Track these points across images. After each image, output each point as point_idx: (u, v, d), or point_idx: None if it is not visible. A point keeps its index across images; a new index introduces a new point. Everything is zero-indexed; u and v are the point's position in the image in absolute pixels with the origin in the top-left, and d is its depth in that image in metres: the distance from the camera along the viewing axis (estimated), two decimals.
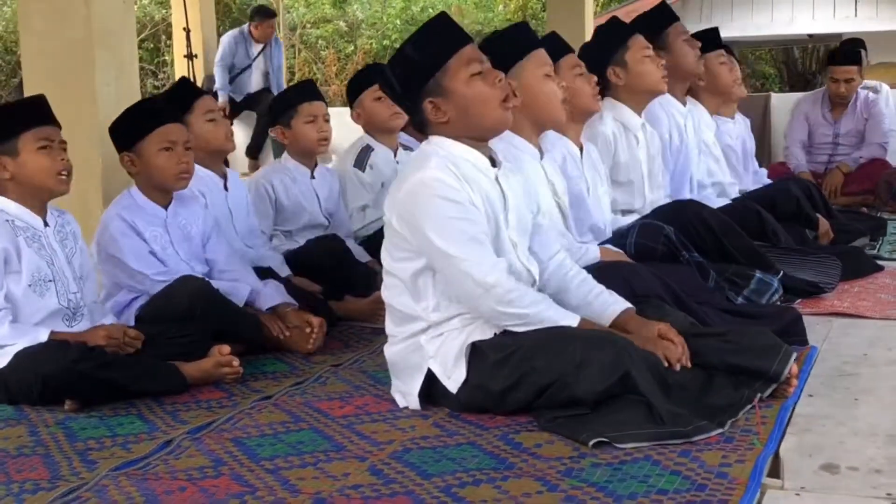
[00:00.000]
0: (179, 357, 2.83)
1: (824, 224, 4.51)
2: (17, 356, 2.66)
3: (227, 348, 2.87)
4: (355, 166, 4.24)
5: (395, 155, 4.33)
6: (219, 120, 3.59)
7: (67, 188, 2.89)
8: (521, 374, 2.40)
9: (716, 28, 4.94)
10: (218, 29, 10.34)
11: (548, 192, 3.09)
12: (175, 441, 2.37)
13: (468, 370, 2.46)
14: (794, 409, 2.44)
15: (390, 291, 2.58)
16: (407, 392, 2.57)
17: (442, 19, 2.58)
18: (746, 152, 5.12)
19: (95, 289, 3.02)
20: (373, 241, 4.07)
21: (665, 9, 4.54)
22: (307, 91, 4.10)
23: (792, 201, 4.48)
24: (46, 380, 2.57)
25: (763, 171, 5.31)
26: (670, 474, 2.04)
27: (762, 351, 2.50)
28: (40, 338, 2.70)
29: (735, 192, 4.64)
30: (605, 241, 3.51)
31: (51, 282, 2.80)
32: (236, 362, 2.86)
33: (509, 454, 2.20)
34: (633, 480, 2.02)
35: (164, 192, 3.22)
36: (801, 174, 6.03)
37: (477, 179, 2.51)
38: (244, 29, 9.22)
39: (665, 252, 3.46)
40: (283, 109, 4.00)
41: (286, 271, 3.64)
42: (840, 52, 6.31)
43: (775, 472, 2.09)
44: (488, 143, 2.62)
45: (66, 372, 2.56)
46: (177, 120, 3.24)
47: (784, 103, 7.26)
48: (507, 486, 2.03)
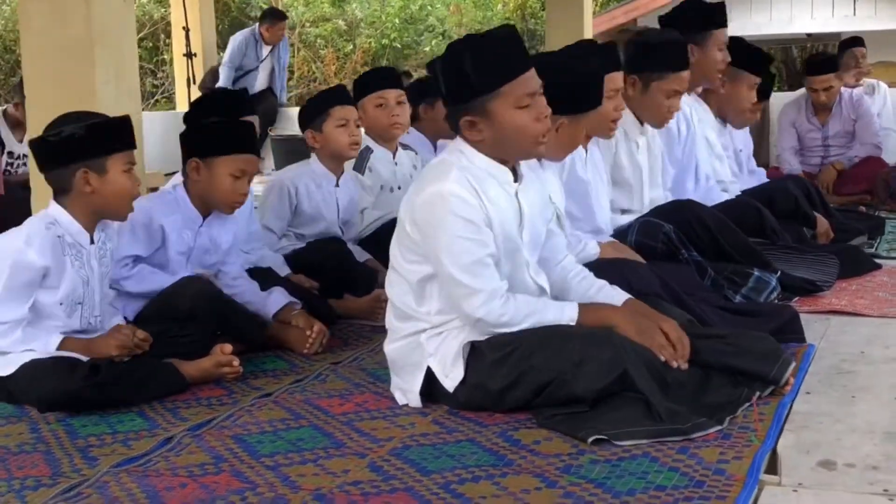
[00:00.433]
0: (181, 356, 2.84)
1: (823, 223, 4.51)
2: (22, 369, 2.63)
3: (229, 347, 2.87)
4: (354, 169, 4.24)
5: (394, 156, 4.34)
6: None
7: (129, 214, 2.89)
8: (520, 373, 2.41)
9: (769, 56, 4.92)
10: (217, 28, 10.35)
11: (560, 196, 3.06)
12: (175, 438, 2.38)
13: (466, 369, 2.47)
14: (791, 406, 2.45)
15: (395, 289, 2.59)
16: (407, 389, 2.58)
17: (508, 36, 2.46)
18: (745, 153, 5.12)
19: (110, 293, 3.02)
20: (371, 241, 4.09)
21: (721, 11, 4.54)
22: (339, 95, 4.03)
23: (790, 200, 4.49)
24: (49, 403, 2.57)
25: (761, 171, 5.31)
26: (668, 471, 2.05)
27: (762, 355, 2.51)
28: (52, 343, 2.69)
29: (736, 191, 4.64)
30: None
31: (80, 304, 2.79)
32: (236, 362, 2.86)
33: (508, 451, 2.22)
34: (632, 477, 2.03)
35: (209, 206, 3.22)
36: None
37: (496, 196, 2.48)
38: (255, 30, 9.19)
39: (664, 250, 3.47)
40: (314, 113, 3.94)
41: (286, 271, 3.65)
42: (816, 60, 6.30)
43: (773, 468, 2.10)
44: None
45: (68, 397, 2.56)
46: (255, 152, 3.24)
47: (783, 102, 7.26)
48: (505, 482, 2.04)
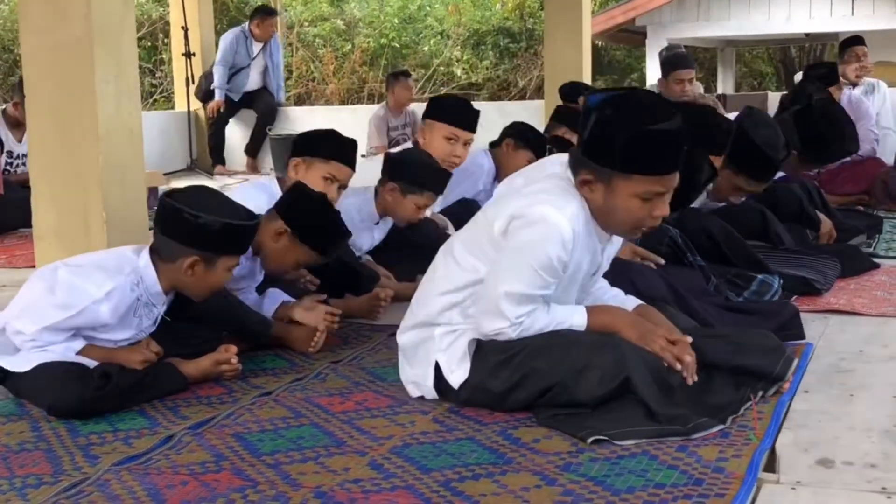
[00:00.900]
0: (190, 356, 2.84)
1: (827, 223, 4.52)
2: (36, 370, 2.63)
3: (234, 347, 2.88)
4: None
5: None
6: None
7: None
8: (523, 376, 2.42)
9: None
10: (216, 27, 10.35)
11: None
12: (176, 436, 2.38)
13: (471, 369, 2.49)
14: (790, 404, 2.46)
15: (440, 270, 2.57)
16: (420, 382, 2.59)
17: (673, 133, 2.32)
18: None
19: None
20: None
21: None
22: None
23: (795, 202, 4.50)
24: (58, 412, 2.57)
25: None
26: (667, 469, 2.06)
27: (765, 353, 2.53)
28: (73, 348, 2.68)
29: None
30: None
31: (132, 345, 2.79)
32: (235, 360, 2.87)
33: (508, 449, 2.23)
34: (631, 475, 2.04)
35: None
36: None
37: (590, 244, 2.47)
38: (245, 28, 9.23)
39: (669, 254, 3.48)
40: (414, 181, 3.82)
41: None
42: (817, 73, 6.05)
43: (771, 466, 2.11)
44: None
45: (79, 407, 2.56)
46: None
47: (780, 103, 7.27)
48: (505, 480, 2.05)
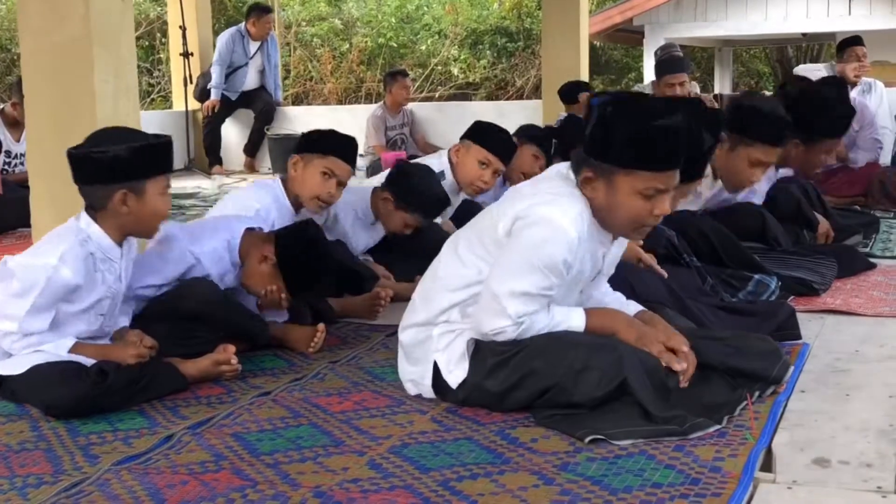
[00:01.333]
0: (187, 356, 2.85)
1: (824, 224, 4.53)
2: (30, 372, 2.64)
3: (232, 347, 2.89)
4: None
5: (458, 193, 4.39)
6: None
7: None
8: (521, 377, 2.43)
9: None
10: (213, 27, 10.34)
11: None
12: (176, 436, 2.39)
13: (469, 369, 2.49)
14: (786, 404, 2.47)
15: (443, 269, 2.58)
16: (419, 381, 2.61)
17: (674, 129, 2.34)
18: None
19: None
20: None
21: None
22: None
23: (792, 202, 4.51)
24: (56, 410, 2.58)
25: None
26: (664, 468, 2.07)
27: (763, 356, 2.54)
28: (63, 345, 2.69)
29: None
30: None
31: (102, 315, 2.81)
32: (235, 360, 2.88)
33: (506, 449, 2.24)
34: (628, 474, 2.05)
35: None
36: None
37: (592, 247, 2.49)
38: (241, 27, 9.23)
39: (666, 255, 3.49)
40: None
41: None
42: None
43: (768, 466, 2.12)
44: None
45: (76, 404, 2.56)
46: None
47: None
48: (503, 479, 2.06)
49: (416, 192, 3.88)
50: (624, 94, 2.49)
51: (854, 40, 6.88)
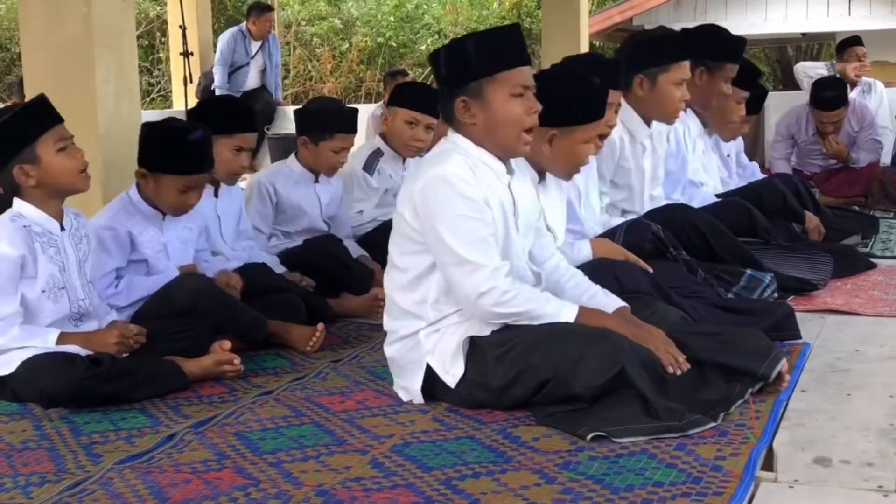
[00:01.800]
0: (181, 353, 2.86)
1: (812, 219, 4.53)
2: (23, 365, 2.65)
3: (227, 343, 2.89)
4: (364, 169, 4.26)
5: (403, 162, 4.36)
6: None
7: (88, 185, 2.87)
8: (520, 371, 2.43)
9: (757, 71, 4.92)
10: (214, 26, 10.34)
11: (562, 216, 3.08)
12: (178, 435, 2.40)
13: (467, 366, 2.50)
14: (787, 403, 2.48)
15: (392, 284, 2.62)
16: (409, 388, 2.61)
17: (514, 32, 2.59)
18: (728, 162, 5.11)
19: (97, 289, 3.02)
20: (368, 241, 4.10)
21: (737, 46, 4.56)
22: (347, 121, 4.03)
23: (778, 196, 4.50)
24: (51, 397, 2.60)
25: (754, 165, 5.33)
26: (666, 467, 2.08)
27: (752, 352, 2.54)
28: (49, 340, 2.70)
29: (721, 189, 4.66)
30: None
31: (63, 289, 2.81)
32: (237, 360, 2.88)
33: (508, 448, 2.24)
34: (630, 473, 2.06)
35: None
36: None
37: (492, 184, 2.54)
38: (242, 27, 9.23)
39: (653, 249, 3.48)
40: (317, 127, 3.96)
41: (280, 269, 3.67)
42: (827, 97, 6.11)
43: (769, 465, 2.13)
44: None
45: (70, 389, 2.58)
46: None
47: (778, 102, 7.30)
48: (505, 478, 2.06)
49: (320, 117, 3.97)
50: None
51: (854, 40, 6.91)
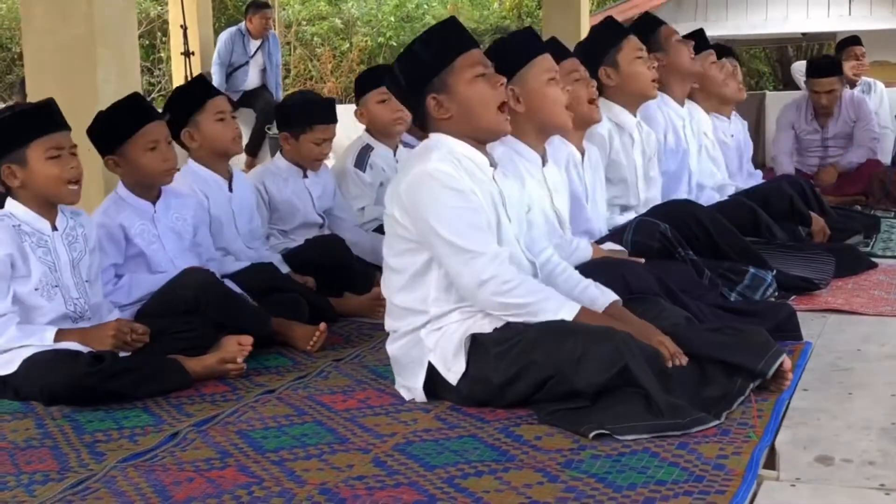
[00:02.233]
0: (184, 351, 2.86)
1: (818, 221, 4.53)
2: (24, 364, 2.66)
3: (248, 339, 2.90)
4: (355, 166, 4.27)
5: (395, 154, 4.37)
6: (228, 121, 3.60)
7: (77, 198, 2.86)
8: (521, 367, 2.43)
9: (701, 29, 4.98)
10: (214, 26, 10.34)
11: (545, 196, 3.10)
12: (181, 433, 2.40)
13: (468, 363, 2.50)
14: (789, 402, 2.48)
15: (389, 286, 2.63)
16: (411, 386, 2.61)
17: (452, 23, 2.68)
18: (741, 150, 5.16)
19: (101, 288, 3.03)
20: None
21: (650, 15, 4.64)
22: (324, 113, 4.05)
23: (785, 199, 4.51)
24: (52, 394, 2.60)
25: (758, 173, 5.36)
26: (668, 466, 2.08)
27: (750, 349, 2.53)
28: (47, 337, 2.71)
29: (731, 191, 4.67)
30: (601, 239, 3.54)
31: (56, 287, 2.81)
32: (240, 358, 2.88)
33: (510, 446, 2.24)
34: (632, 472, 2.06)
35: (150, 188, 3.24)
36: None
37: (476, 176, 2.57)
38: (241, 26, 9.23)
39: (661, 249, 3.49)
40: (296, 122, 3.99)
41: (285, 269, 3.68)
42: (819, 63, 6.33)
43: (771, 464, 2.13)
44: (487, 146, 2.68)
45: (72, 386, 2.58)
46: (156, 117, 3.25)
47: (778, 102, 7.30)
48: (508, 477, 2.06)
49: (296, 110, 3.99)
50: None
51: (852, 40, 6.93)
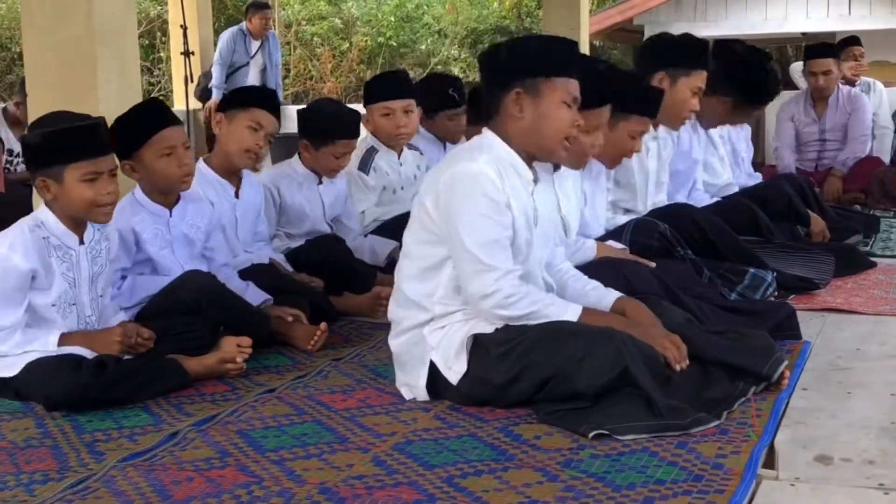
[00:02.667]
0: (185, 351, 2.86)
1: (818, 222, 4.53)
2: (27, 368, 2.65)
3: (248, 340, 2.90)
4: (359, 169, 4.27)
5: (398, 157, 4.37)
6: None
7: (108, 219, 2.84)
8: (522, 368, 2.44)
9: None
10: (214, 26, 10.34)
11: (552, 201, 3.07)
12: (181, 433, 2.40)
13: (470, 362, 2.50)
14: (788, 402, 2.48)
15: (403, 273, 2.63)
16: (413, 385, 2.61)
17: (574, 46, 2.67)
18: (737, 151, 5.15)
19: (109, 293, 3.03)
20: None
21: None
22: (347, 129, 4.00)
23: (783, 198, 4.51)
24: (55, 403, 2.59)
25: (758, 175, 5.36)
26: (668, 465, 2.08)
27: (755, 352, 2.55)
28: (51, 342, 2.70)
29: (732, 191, 4.67)
30: (600, 238, 3.54)
31: (73, 305, 2.81)
32: (240, 358, 2.89)
33: (509, 446, 2.25)
34: (632, 471, 2.06)
35: (167, 194, 3.22)
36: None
37: (517, 190, 2.55)
38: (242, 26, 9.23)
39: (659, 248, 3.49)
40: (319, 133, 3.93)
41: (288, 268, 3.69)
42: (815, 46, 6.44)
43: (770, 463, 2.14)
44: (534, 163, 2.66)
45: (74, 396, 2.58)
46: (173, 122, 3.22)
47: (777, 101, 7.29)
48: (507, 476, 2.07)
49: (322, 123, 3.93)
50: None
51: (851, 40, 6.94)
